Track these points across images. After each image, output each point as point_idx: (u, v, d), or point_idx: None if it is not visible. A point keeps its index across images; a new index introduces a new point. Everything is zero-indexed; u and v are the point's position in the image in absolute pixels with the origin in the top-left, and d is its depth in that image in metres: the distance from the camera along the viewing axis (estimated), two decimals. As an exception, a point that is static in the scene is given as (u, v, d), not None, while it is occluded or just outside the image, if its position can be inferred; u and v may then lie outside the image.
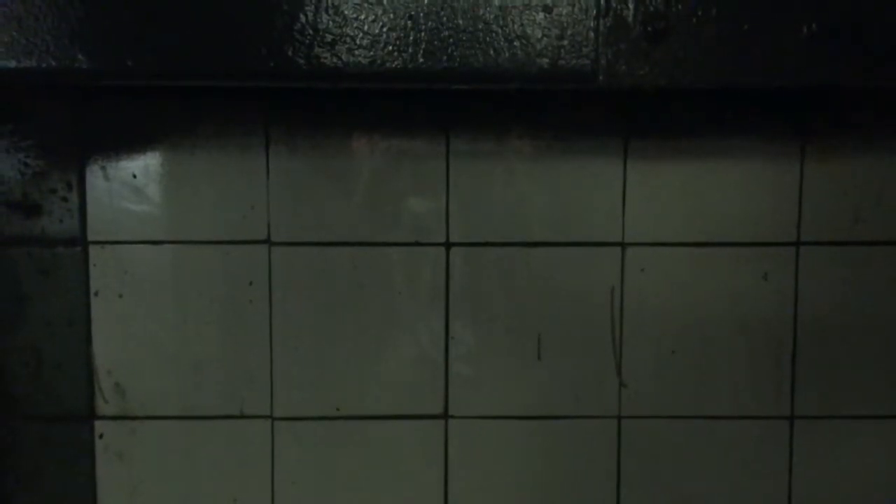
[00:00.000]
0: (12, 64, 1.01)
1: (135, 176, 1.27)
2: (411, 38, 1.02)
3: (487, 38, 1.02)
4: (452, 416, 1.32)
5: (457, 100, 1.26)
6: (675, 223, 1.29)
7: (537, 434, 1.32)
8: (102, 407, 1.31)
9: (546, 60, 1.04)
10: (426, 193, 1.28)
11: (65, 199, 1.28)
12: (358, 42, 1.02)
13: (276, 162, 1.28)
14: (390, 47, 1.02)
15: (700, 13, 1.03)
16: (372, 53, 1.02)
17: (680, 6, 1.03)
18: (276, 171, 1.28)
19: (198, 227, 1.29)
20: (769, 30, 1.03)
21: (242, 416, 1.31)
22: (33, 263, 1.29)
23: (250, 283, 1.29)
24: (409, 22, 1.02)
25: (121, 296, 1.29)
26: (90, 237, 1.28)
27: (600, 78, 1.05)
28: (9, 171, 1.27)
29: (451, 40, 1.02)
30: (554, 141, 1.28)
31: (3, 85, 1.21)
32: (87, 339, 1.30)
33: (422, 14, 1.02)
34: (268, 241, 1.29)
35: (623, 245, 1.30)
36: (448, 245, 1.29)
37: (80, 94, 1.26)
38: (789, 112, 1.28)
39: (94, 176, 1.27)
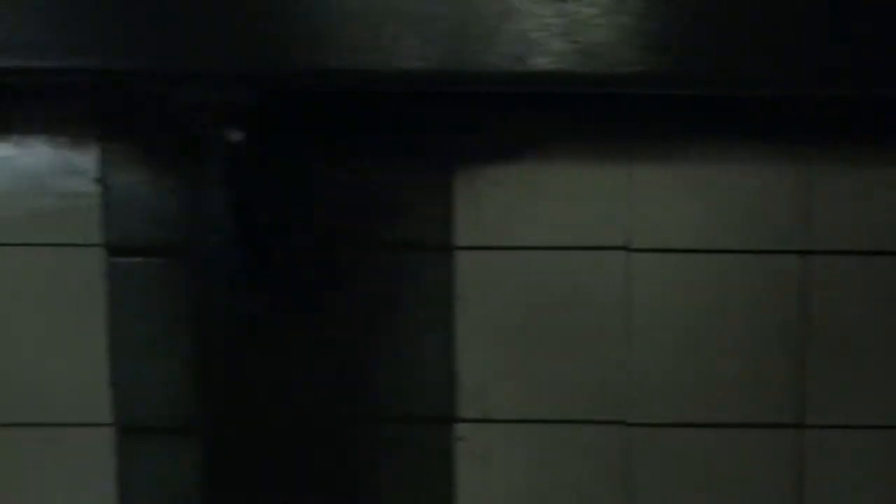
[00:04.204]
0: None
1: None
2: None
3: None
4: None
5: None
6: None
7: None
8: (463, 409, 1.31)
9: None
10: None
11: (436, 205, 1.28)
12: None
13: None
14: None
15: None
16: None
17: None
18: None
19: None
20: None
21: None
22: (404, 267, 1.29)
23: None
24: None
25: (485, 302, 1.29)
26: (457, 243, 1.29)
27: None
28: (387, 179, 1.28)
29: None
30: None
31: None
32: (450, 343, 1.30)
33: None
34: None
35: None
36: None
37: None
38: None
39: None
